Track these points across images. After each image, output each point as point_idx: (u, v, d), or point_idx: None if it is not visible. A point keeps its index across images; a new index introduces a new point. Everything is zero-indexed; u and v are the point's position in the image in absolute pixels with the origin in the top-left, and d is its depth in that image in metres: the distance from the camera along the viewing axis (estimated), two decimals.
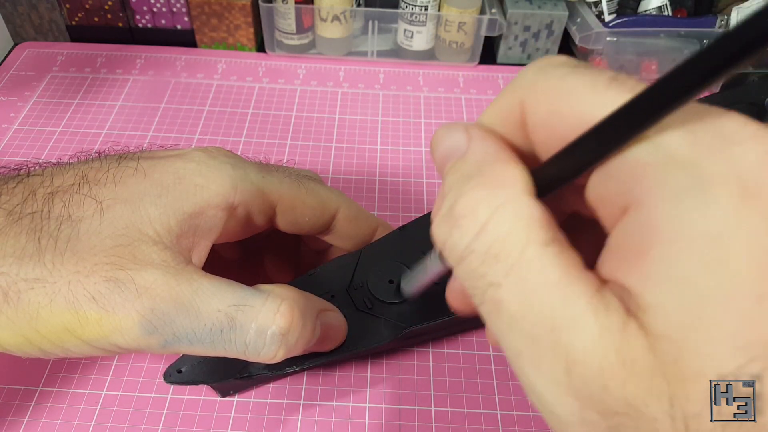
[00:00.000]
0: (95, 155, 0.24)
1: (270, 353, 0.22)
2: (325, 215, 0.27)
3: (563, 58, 0.15)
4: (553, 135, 0.14)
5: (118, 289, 0.19)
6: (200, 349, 0.21)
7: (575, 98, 0.13)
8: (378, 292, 0.28)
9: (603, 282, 0.13)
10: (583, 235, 0.15)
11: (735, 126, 0.12)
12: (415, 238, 0.30)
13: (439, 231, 0.15)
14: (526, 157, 0.15)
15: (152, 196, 0.22)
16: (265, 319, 0.21)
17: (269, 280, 0.29)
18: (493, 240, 0.13)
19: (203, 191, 0.23)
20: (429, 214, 0.32)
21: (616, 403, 0.12)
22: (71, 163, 0.23)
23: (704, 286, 0.11)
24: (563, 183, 0.14)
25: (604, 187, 0.14)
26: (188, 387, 0.30)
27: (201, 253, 0.23)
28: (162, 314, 0.20)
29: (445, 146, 0.16)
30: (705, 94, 0.50)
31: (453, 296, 0.20)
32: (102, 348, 0.20)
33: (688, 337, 0.12)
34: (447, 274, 0.20)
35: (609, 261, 0.13)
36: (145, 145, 0.43)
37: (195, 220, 0.22)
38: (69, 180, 0.22)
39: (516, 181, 0.14)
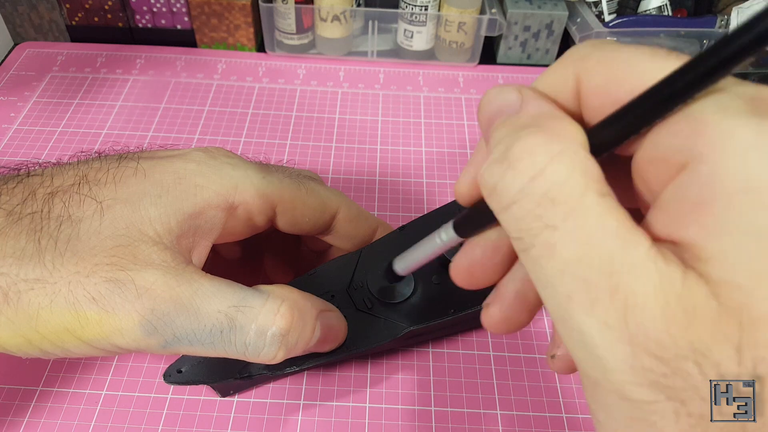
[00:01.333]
0: (95, 155, 0.24)
1: (270, 354, 0.22)
2: (325, 215, 0.27)
3: (613, 40, 0.15)
4: (610, 101, 0.14)
5: (118, 290, 0.19)
6: (200, 349, 0.21)
7: (635, 65, 0.14)
8: (378, 292, 0.28)
9: (656, 240, 0.13)
10: None
11: None
12: (415, 238, 0.30)
13: (489, 173, 0.15)
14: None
15: (152, 197, 0.22)
16: (265, 320, 0.21)
17: (269, 280, 0.29)
18: (552, 184, 0.13)
19: (203, 191, 0.23)
20: (429, 214, 0.32)
21: (678, 348, 0.12)
22: (71, 163, 0.23)
23: None
24: (620, 141, 0.14)
25: (660, 145, 0.14)
26: (188, 387, 0.30)
27: (201, 254, 0.23)
28: (162, 315, 0.20)
29: (496, 104, 0.16)
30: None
31: (458, 271, 0.19)
32: (102, 348, 0.20)
33: (756, 284, 0.12)
34: (453, 250, 0.20)
35: (661, 218, 0.14)
36: (145, 145, 0.43)
37: (195, 221, 0.22)
38: (69, 180, 0.22)
39: (574, 134, 0.14)
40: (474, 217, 0.19)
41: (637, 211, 0.15)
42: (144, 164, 0.23)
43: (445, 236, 0.21)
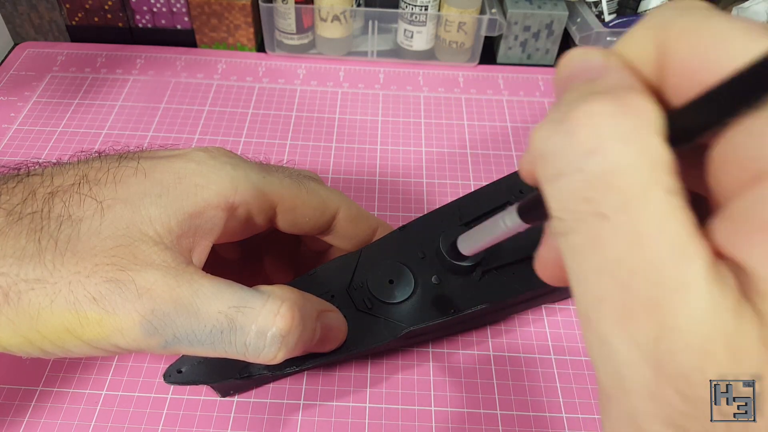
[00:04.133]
0: (95, 155, 0.24)
1: (270, 354, 0.22)
2: (325, 215, 0.27)
3: (704, 2, 0.13)
4: (695, 82, 0.12)
5: (118, 290, 0.19)
6: (200, 350, 0.21)
7: (728, 42, 0.12)
8: (378, 292, 0.28)
9: (718, 254, 0.12)
10: None
11: None
12: (415, 238, 0.30)
13: (542, 134, 0.13)
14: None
15: (153, 196, 0.22)
16: (265, 321, 0.21)
17: (269, 281, 0.29)
18: (612, 165, 0.11)
19: (204, 191, 0.23)
20: (429, 214, 0.32)
21: (707, 391, 0.11)
22: (71, 162, 0.23)
23: None
24: (701, 133, 0.12)
25: (737, 146, 0.12)
26: (188, 387, 0.30)
27: (201, 254, 0.23)
28: (162, 315, 0.20)
29: (577, 66, 0.14)
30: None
31: (543, 264, 0.17)
32: (102, 348, 0.20)
33: None
34: (518, 236, 0.18)
35: (726, 230, 0.12)
36: (145, 145, 0.43)
37: (195, 221, 0.22)
38: (69, 180, 0.22)
39: (651, 115, 0.12)
40: (540, 200, 0.15)
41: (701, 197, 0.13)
42: (144, 164, 0.23)
43: (509, 221, 0.18)
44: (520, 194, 0.33)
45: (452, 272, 0.29)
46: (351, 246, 0.30)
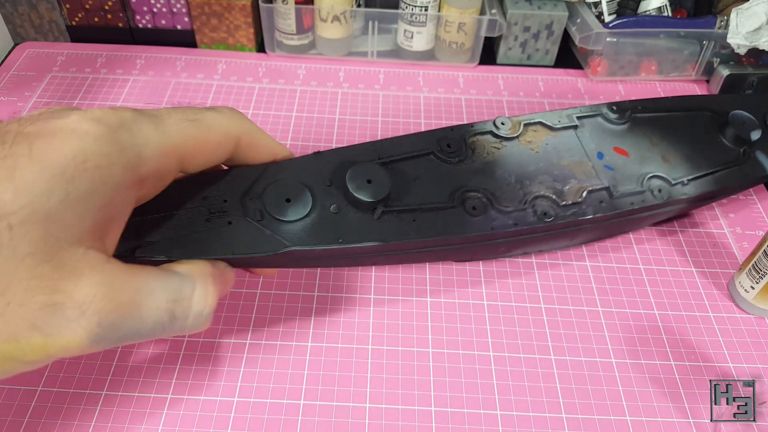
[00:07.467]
0: None
1: (205, 327, 0.24)
2: (229, 147, 0.27)
3: None
4: None
5: (60, 312, 0.19)
6: (143, 340, 0.22)
7: None
8: (271, 206, 0.27)
9: None
10: None
11: None
12: (328, 165, 0.30)
13: None
14: None
15: (59, 193, 0.19)
16: (198, 306, 0.23)
17: None
18: None
19: (110, 174, 0.21)
20: (349, 147, 0.31)
21: None
22: None
23: None
24: None
25: None
26: (188, 387, 0.30)
27: (114, 238, 0.22)
28: (108, 325, 0.20)
29: None
30: (706, 93, 0.50)
31: None
32: (46, 362, 0.20)
33: None
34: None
35: None
36: None
37: (108, 210, 0.21)
38: None
39: None
40: None
41: None
42: (35, 147, 0.19)
43: None
44: (448, 148, 0.33)
45: (353, 205, 0.29)
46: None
